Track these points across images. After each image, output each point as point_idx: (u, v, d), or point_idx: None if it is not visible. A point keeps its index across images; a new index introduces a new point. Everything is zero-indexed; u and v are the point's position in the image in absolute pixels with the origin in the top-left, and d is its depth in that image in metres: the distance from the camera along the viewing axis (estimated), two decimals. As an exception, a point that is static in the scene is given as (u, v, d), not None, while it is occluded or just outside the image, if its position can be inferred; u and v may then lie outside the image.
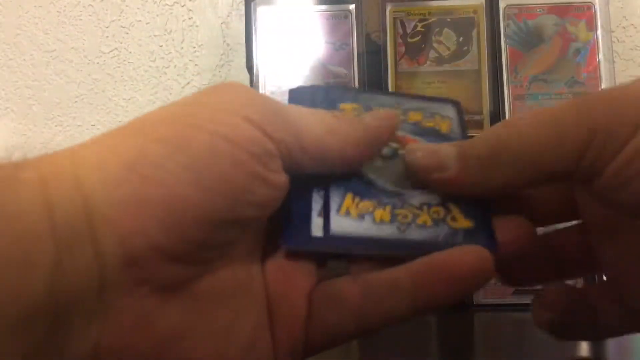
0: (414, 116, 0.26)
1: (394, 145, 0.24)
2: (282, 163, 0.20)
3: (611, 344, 0.43)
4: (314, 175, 0.22)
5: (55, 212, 0.16)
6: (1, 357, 0.15)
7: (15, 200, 0.16)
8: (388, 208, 0.23)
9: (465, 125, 0.27)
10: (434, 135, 0.26)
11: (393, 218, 0.22)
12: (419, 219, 0.22)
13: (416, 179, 0.23)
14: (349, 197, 0.23)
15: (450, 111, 0.27)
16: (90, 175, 0.17)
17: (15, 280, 0.15)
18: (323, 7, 0.57)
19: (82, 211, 0.17)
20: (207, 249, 0.19)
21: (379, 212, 0.22)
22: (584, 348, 0.40)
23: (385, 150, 0.24)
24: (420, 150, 0.23)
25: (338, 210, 0.22)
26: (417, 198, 0.23)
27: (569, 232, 0.26)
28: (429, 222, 0.22)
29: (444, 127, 0.26)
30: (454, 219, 0.23)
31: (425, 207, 0.23)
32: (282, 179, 0.20)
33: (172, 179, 0.17)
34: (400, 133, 0.25)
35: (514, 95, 0.53)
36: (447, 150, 0.22)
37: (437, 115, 0.26)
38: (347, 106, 0.25)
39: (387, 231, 0.22)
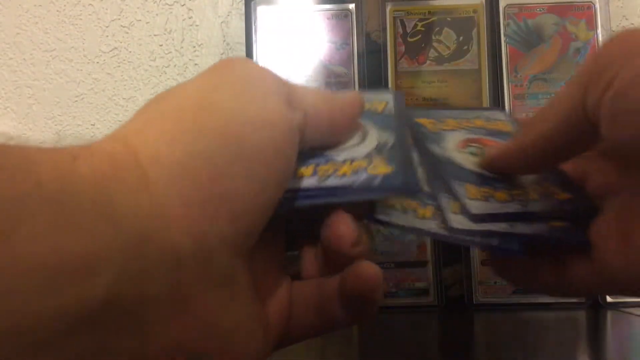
0: (478, 122, 0.30)
1: (477, 145, 0.28)
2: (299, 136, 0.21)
3: (611, 344, 0.43)
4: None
5: (119, 213, 0.15)
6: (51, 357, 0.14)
7: (74, 199, 0.14)
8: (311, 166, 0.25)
9: (519, 122, 0.31)
10: (500, 134, 0.30)
11: (314, 172, 0.24)
12: (338, 172, 0.24)
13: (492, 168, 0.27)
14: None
15: (501, 115, 0.31)
16: (154, 172, 0.17)
17: (72, 281, 0.14)
18: (323, 6, 0.57)
19: (151, 212, 0.16)
20: (257, 237, 0.20)
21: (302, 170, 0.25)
22: (583, 349, 0.40)
23: (473, 150, 0.28)
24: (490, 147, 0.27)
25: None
26: (342, 155, 0.25)
27: None
28: (348, 172, 0.24)
29: (505, 127, 0.30)
30: (375, 166, 0.25)
31: (348, 162, 0.25)
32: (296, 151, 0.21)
33: (231, 173, 0.18)
34: (477, 136, 0.29)
35: (514, 95, 0.53)
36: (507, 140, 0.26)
37: (493, 119, 0.31)
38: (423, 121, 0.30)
39: (309, 181, 0.24)
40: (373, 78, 0.56)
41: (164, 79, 0.68)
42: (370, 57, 0.56)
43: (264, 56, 0.55)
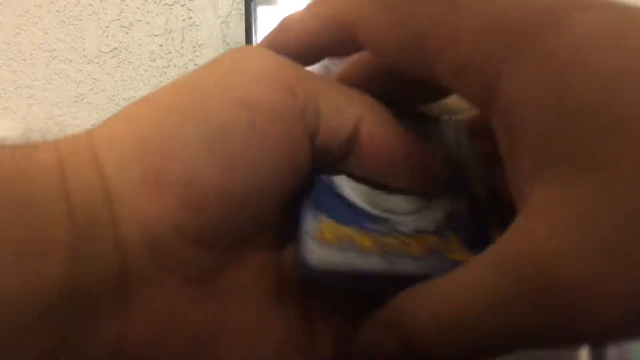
0: None
1: None
2: (306, 129, 0.18)
3: (611, 345, 0.43)
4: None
5: (72, 194, 0.15)
6: (14, 356, 0.14)
7: (29, 182, 0.14)
8: (371, 236, 0.19)
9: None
10: None
11: (379, 247, 0.18)
12: (410, 249, 0.19)
13: None
14: (323, 220, 0.19)
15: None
16: (106, 153, 0.16)
17: (30, 270, 0.13)
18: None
19: (100, 193, 0.15)
20: (231, 230, 0.17)
21: (361, 240, 0.19)
22: (584, 350, 0.40)
23: None
24: None
25: (313, 235, 0.18)
26: (408, 225, 0.19)
27: None
28: (422, 253, 0.19)
29: None
30: (453, 250, 0.19)
31: (419, 236, 0.19)
32: (306, 150, 0.18)
33: (187, 154, 0.16)
34: None
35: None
36: None
37: None
38: None
39: (373, 261, 0.18)
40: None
41: (164, 79, 0.68)
42: (371, 58, 0.56)
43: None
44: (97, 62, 0.68)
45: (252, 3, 0.57)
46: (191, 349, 0.17)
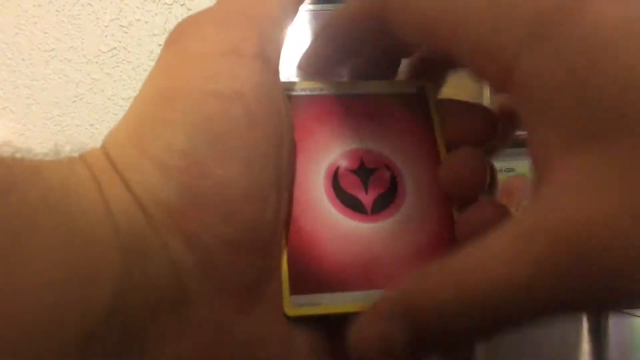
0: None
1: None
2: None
3: (613, 346, 0.43)
4: None
5: (115, 215, 0.14)
6: None
7: (77, 202, 0.14)
8: None
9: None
10: None
11: None
12: None
13: None
14: None
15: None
16: (129, 173, 0.15)
17: (79, 294, 0.13)
18: (322, 6, 0.57)
19: (140, 212, 0.15)
20: (263, 230, 0.17)
21: None
22: (584, 350, 0.40)
23: None
24: None
25: None
26: None
27: None
28: None
29: None
30: None
31: None
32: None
33: (203, 160, 0.16)
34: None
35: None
36: None
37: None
38: None
39: None
40: (373, 78, 0.55)
41: (163, 79, 0.68)
42: (370, 58, 0.56)
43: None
44: (96, 62, 0.68)
45: (252, 3, 0.56)
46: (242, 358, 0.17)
